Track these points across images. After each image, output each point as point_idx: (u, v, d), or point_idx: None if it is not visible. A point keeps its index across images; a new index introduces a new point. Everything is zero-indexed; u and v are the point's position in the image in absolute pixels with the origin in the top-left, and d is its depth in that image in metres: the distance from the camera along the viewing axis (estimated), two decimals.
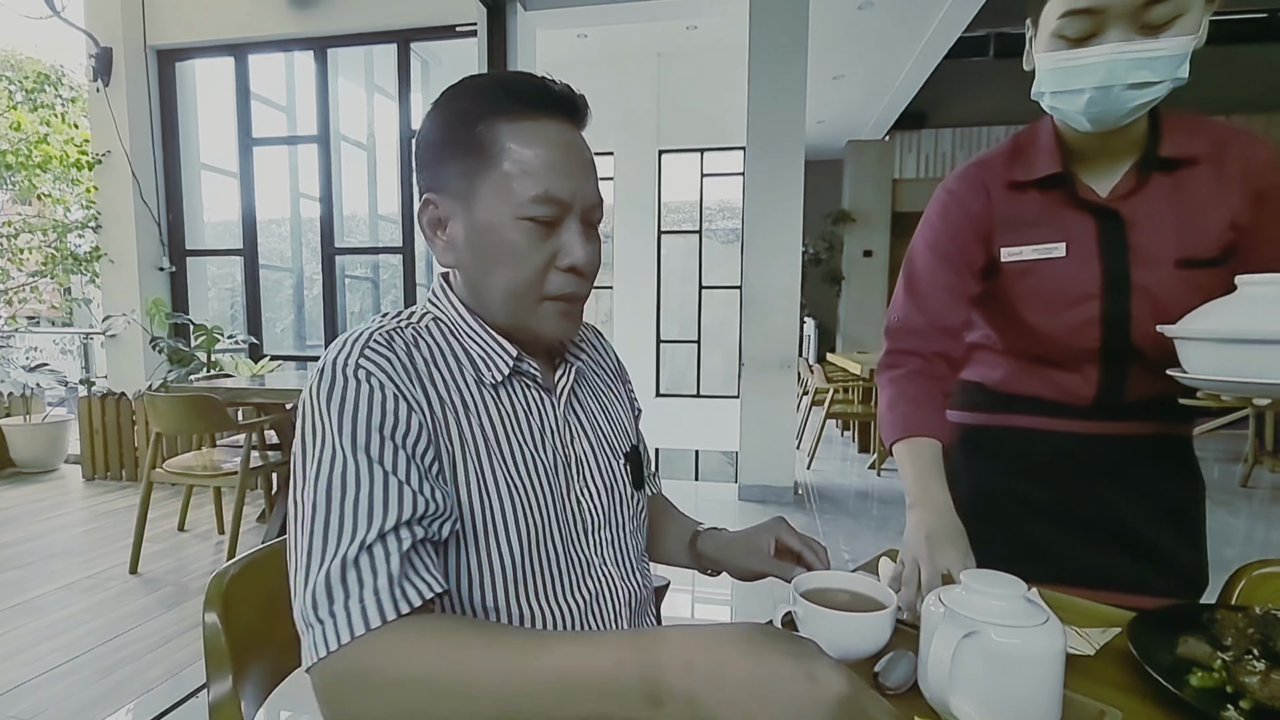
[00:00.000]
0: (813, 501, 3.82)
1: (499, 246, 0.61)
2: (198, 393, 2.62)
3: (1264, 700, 0.52)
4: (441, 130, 0.62)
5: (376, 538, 0.51)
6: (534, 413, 0.66)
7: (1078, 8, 0.72)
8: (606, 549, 0.69)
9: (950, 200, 0.91)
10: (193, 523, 3.25)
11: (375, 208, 5.87)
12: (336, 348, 0.58)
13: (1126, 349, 0.86)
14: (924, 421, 0.86)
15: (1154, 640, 0.63)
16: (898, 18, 4.80)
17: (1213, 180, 0.81)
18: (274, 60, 5.11)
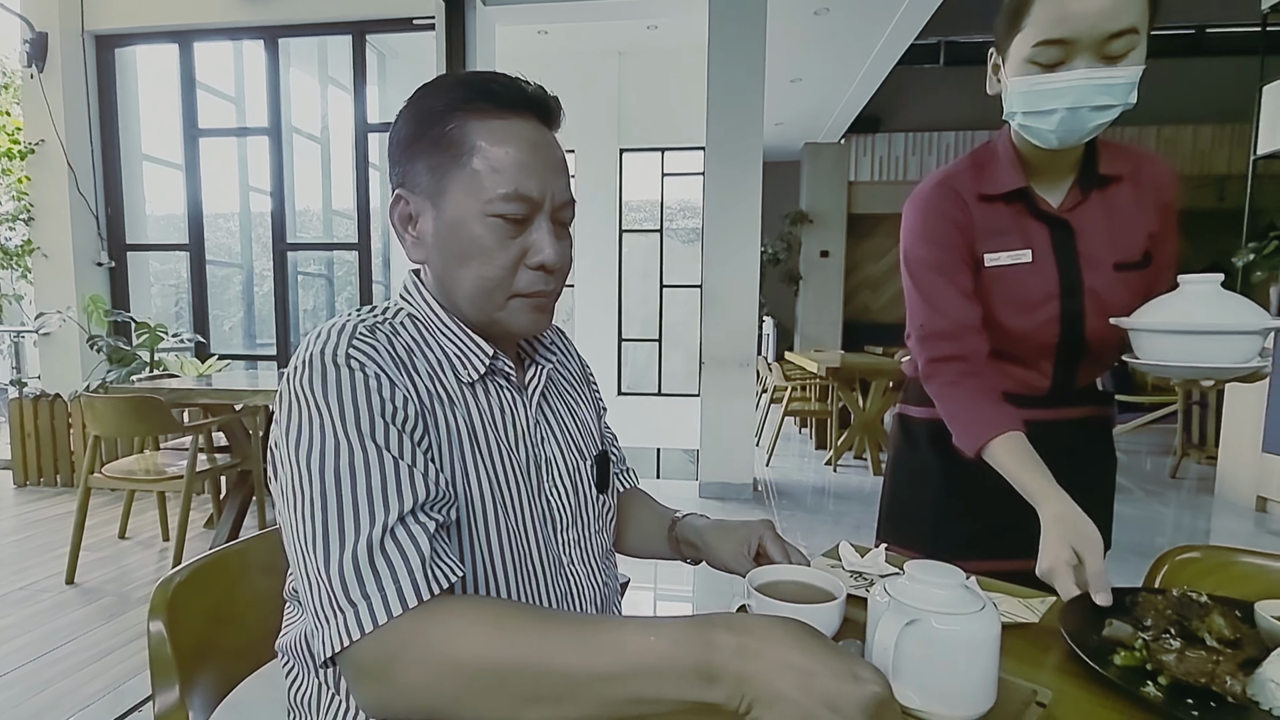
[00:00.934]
0: (771, 498, 3.88)
1: (468, 242, 0.61)
2: (140, 393, 2.51)
3: (1180, 676, 0.56)
4: (413, 127, 0.63)
5: (398, 520, 0.51)
6: (507, 412, 0.67)
7: (1053, 37, 0.80)
8: (574, 548, 0.70)
9: (934, 208, 0.96)
10: (135, 530, 3.12)
11: (330, 202, 5.72)
12: (320, 340, 0.57)
13: (1080, 343, 0.96)
14: (998, 419, 0.89)
15: (1083, 622, 0.67)
16: (852, 24, 4.91)
17: (1133, 196, 0.94)
18: (221, 49, 4.92)
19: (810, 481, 4.30)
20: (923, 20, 4.79)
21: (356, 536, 0.49)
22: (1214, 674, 0.55)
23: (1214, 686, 0.55)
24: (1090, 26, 0.78)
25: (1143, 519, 3.55)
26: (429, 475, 0.55)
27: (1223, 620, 0.61)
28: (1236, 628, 0.61)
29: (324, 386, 0.54)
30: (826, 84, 6.28)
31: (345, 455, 0.52)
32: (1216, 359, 0.78)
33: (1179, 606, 0.64)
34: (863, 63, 5.69)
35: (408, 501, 0.52)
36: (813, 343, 8.37)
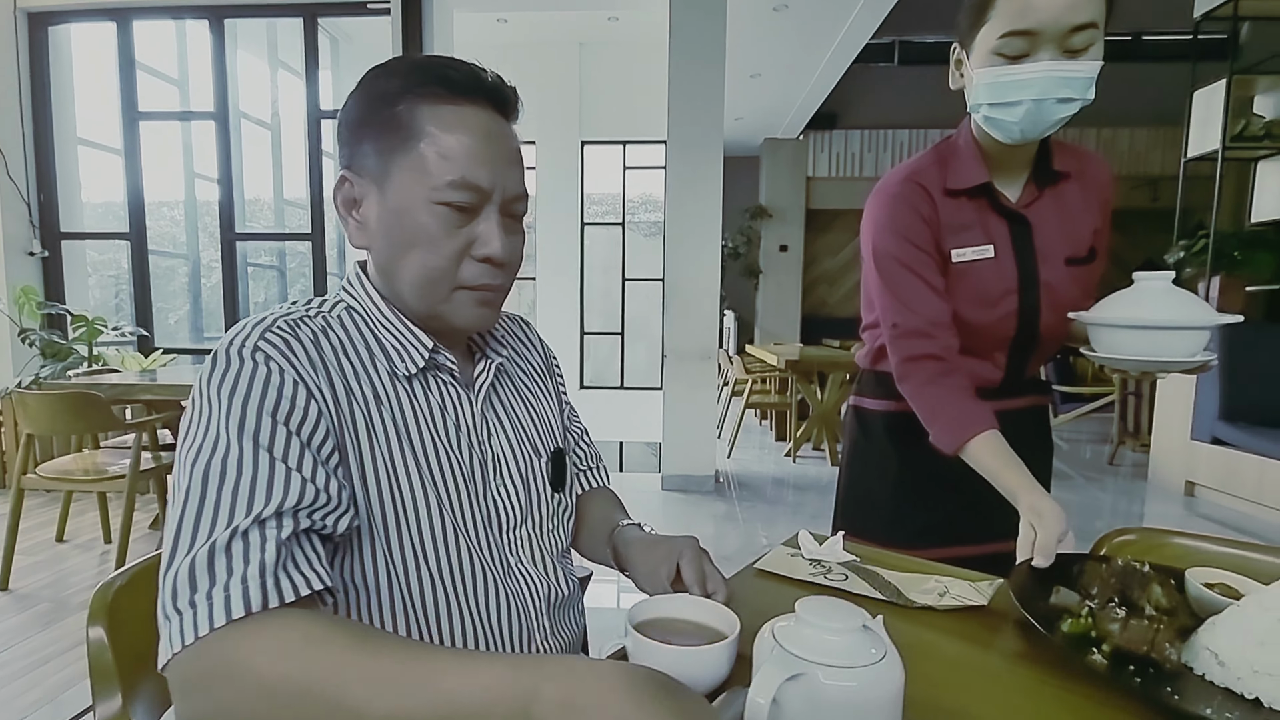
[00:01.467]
0: (733, 489, 3.94)
1: (412, 230, 0.59)
2: (77, 389, 2.39)
3: (1123, 645, 0.58)
4: (361, 107, 0.61)
5: (252, 523, 0.47)
6: (449, 408, 0.65)
7: (1018, 29, 0.82)
8: (524, 547, 0.68)
9: (900, 203, 0.96)
10: (73, 532, 2.98)
11: (281, 191, 5.53)
12: (234, 331, 0.56)
13: (1034, 335, 0.99)
14: (975, 418, 0.89)
15: (1033, 590, 0.69)
16: (810, 21, 4.98)
17: (1080, 193, 0.98)
18: (163, 28, 4.70)
19: (770, 472, 4.37)
20: (878, 19, 4.88)
21: (205, 539, 0.46)
22: (1154, 642, 0.57)
23: (1154, 655, 0.57)
24: (1054, 19, 0.80)
25: (1082, 504, 3.72)
26: (315, 478, 0.51)
27: (1160, 589, 0.65)
28: (1172, 596, 0.64)
29: (220, 380, 0.53)
30: (785, 80, 6.35)
31: (220, 452, 0.49)
32: (1170, 353, 0.82)
33: (1122, 576, 0.67)
34: (820, 60, 5.78)
35: (273, 503, 0.48)
36: (772, 336, 8.49)
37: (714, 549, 0.80)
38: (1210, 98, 4.00)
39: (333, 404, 0.56)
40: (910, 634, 0.67)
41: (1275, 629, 0.54)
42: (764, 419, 6.05)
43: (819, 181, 8.71)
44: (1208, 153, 4.03)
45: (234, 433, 0.50)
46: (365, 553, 0.58)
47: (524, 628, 0.66)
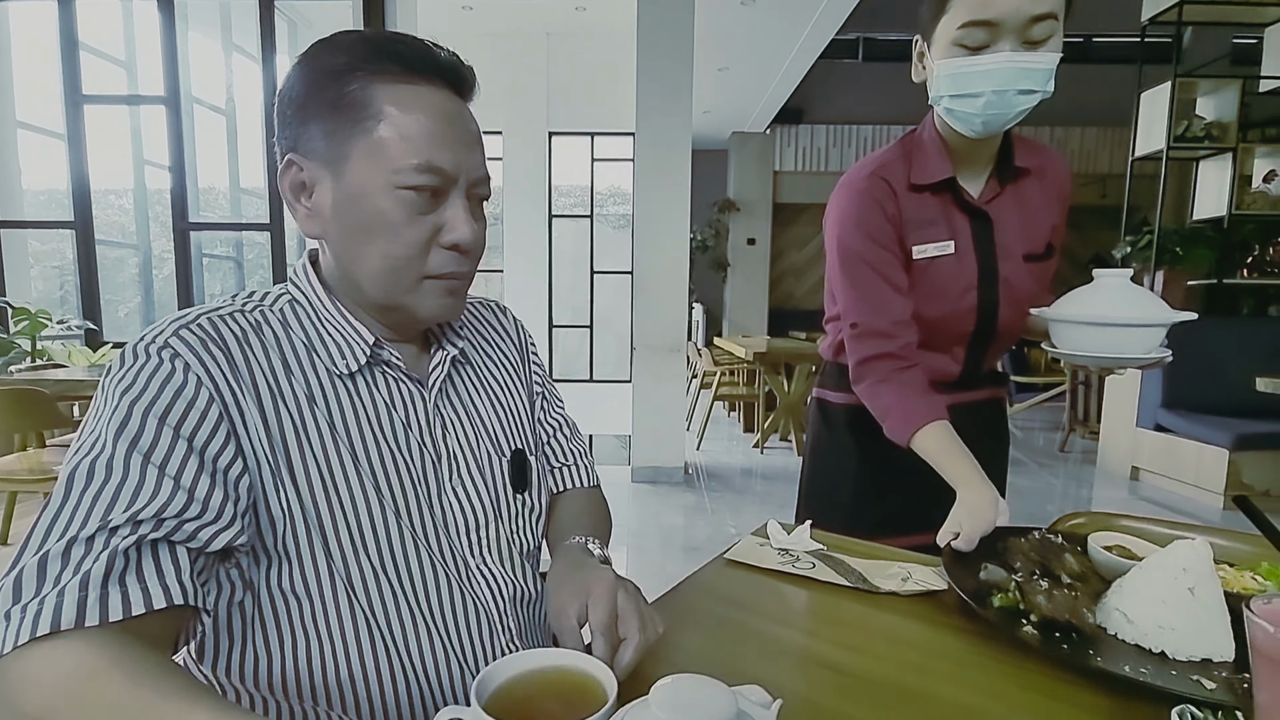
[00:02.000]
0: (702, 480, 3.98)
1: (373, 217, 0.56)
2: (20, 385, 2.29)
3: (1049, 615, 0.61)
4: (307, 85, 0.56)
5: (98, 529, 0.43)
6: (397, 405, 0.62)
7: (979, 19, 0.82)
8: (489, 549, 0.65)
9: (865, 199, 0.96)
10: (19, 534, 2.85)
11: (237, 180, 5.36)
12: (152, 326, 0.54)
13: (992, 330, 1.00)
14: (926, 410, 0.91)
15: (963, 569, 0.72)
16: (777, 15, 5.01)
17: (1039, 189, 0.99)
18: (109, 7, 4.50)
19: (739, 464, 4.43)
20: (843, 15, 4.95)
21: (43, 545, 0.43)
22: (1074, 609, 0.61)
23: (1074, 621, 0.61)
24: (1015, 9, 0.80)
25: (1035, 489, 3.87)
26: (195, 489, 0.48)
27: (1072, 558, 0.69)
28: (1083, 563, 0.69)
29: (120, 378, 0.51)
30: (752, 74, 6.39)
31: (94, 453, 0.47)
32: (1129, 349, 0.84)
33: (1040, 549, 0.71)
34: (787, 54, 5.83)
35: (130, 510, 0.45)
36: (740, 328, 8.57)
37: (683, 539, 0.81)
38: (1155, 99, 4.16)
39: (249, 409, 0.53)
40: (877, 619, 0.69)
41: (1173, 587, 0.59)
42: (732, 410, 6.11)
43: (786, 175, 8.80)
44: (1153, 152, 4.20)
45: (112, 433, 0.48)
46: (308, 561, 0.55)
47: (488, 629, 0.63)
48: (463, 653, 0.62)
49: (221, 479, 0.50)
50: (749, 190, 8.66)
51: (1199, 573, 0.59)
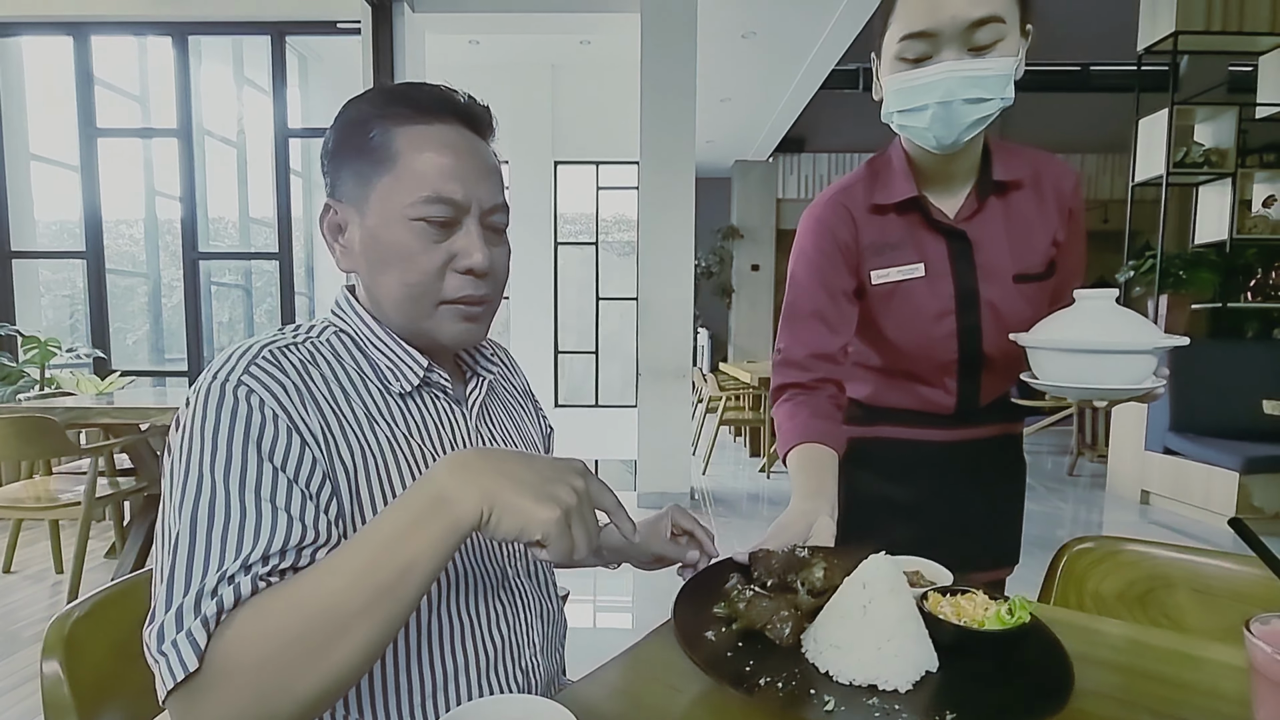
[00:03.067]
0: (708, 505, 3.94)
1: (388, 247, 0.61)
2: (28, 413, 2.30)
3: (747, 624, 0.58)
4: (338, 136, 0.63)
5: (239, 569, 0.48)
6: (444, 424, 0.65)
7: (914, 30, 0.79)
8: (520, 560, 0.69)
9: (819, 227, 0.94)
10: (23, 563, 2.84)
11: (247, 210, 5.44)
12: (219, 362, 0.55)
13: (979, 358, 0.94)
14: (803, 432, 0.89)
15: (710, 580, 0.68)
16: (778, 48, 5.12)
17: (1035, 202, 0.92)
18: (123, 44, 4.63)
19: (745, 489, 4.40)
20: (843, 48, 5.04)
21: (192, 586, 0.47)
22: (770, 621, 0.57)
23: (767, 632, 0.57)
24: (950, 16, 0.77)
25: (1044, 514, 3.82)
26: (304, 515, 0.52)
27: (822, 573, 0.62)
28: (832, 580, 0.61)
29: (205, 415, 0.52)
30: (754, 104, 6.50)
31: (205, 495, 0.50)
32: (1112, 379, 0.75)
33: (787, 561, 0.67)
34: (788, 85, 5.93)
35: (260, 546, 0.49)
36: (746, 353, 8.58)
37: None
38: (1154, 126, 4.21)
39: (322, 437, 0.56)
40: None
41: (850, 605, 0.55)
42: (738, 435, 6.09)
43: (788, 203, 8.89)
44: (1153, 178, 4.23)
45: (219, 475, 0.50)
46: None
47: (517, 640, 0.66)
48: (496, 660, 0.64)
49: (315, 501, 0.54)
50: (752, 217, 8.74)
51: (875, 590, 0.55)
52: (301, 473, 0.53)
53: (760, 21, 4.65)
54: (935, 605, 0.58)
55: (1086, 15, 5.52)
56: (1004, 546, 1.05)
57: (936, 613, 0.57)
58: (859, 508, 1.02)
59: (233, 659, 0.45)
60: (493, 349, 0.79)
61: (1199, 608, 0.88)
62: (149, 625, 0.48)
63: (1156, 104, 4.17)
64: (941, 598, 0.59)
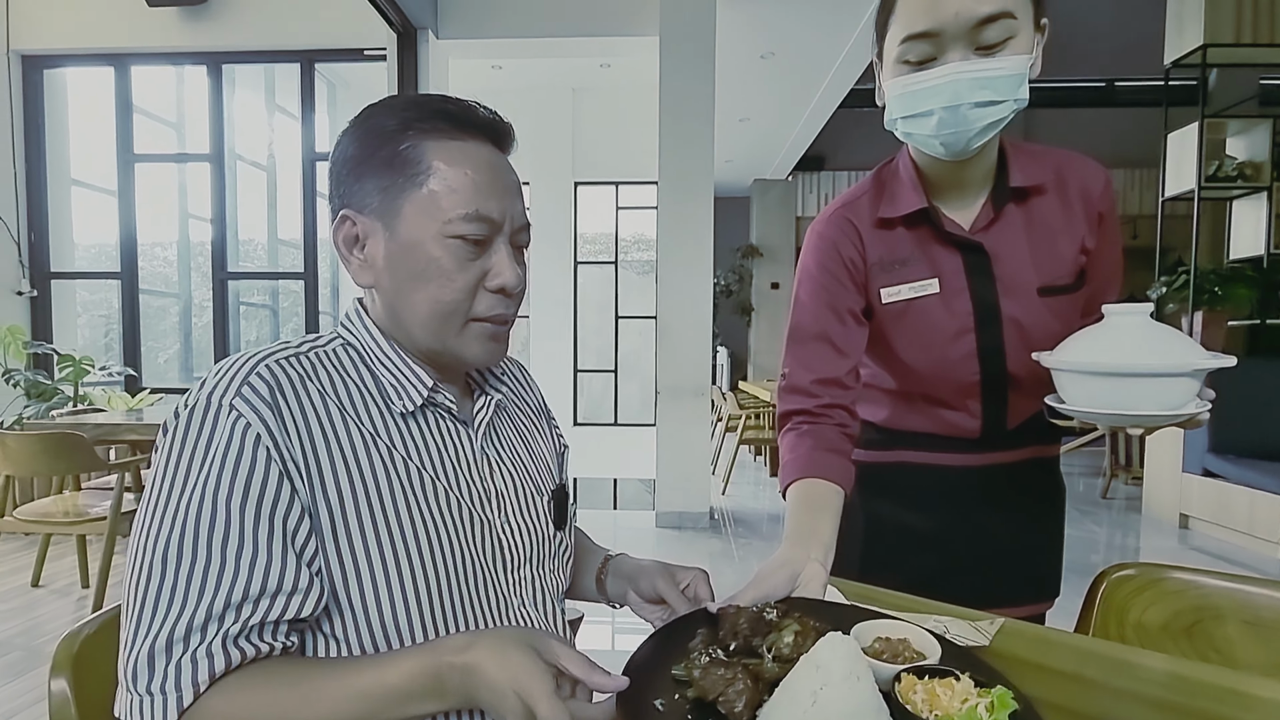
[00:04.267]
0: (728, 526, 3.88)
1: (424, 264, 0.59)
2: (60, 429, 2.35)
3: (699, 694, 0.52)
4: (361, 146, 0.60)
5: (205, 619, 0.50)
6: (448, 446, 0.63)
7: (916, 31, 0.73)
8: (526, 588, 0.66)
9: (822, 244, 0.89)
10: (50, 577, 2.89)
11: (275, 231, 5.57)
12: (215, 375, 0.55)
13: (1004, 378, 0.87)
14: (805, 466, 0.83)
15: (676, 634, 0.62)
16: (797, 68, 5.14)
17: (1060, 207, 0.84)
18: (161, 73, 4.80)
19: (766, 509, 4.32)
20: (861, 67, 5.04)
21: (161, 625, 0.50)
22: (723, 693, 0.51)
23: (719, 706, 0.50)
24: (955, 15, 0.71)
25: (1078, 538, 3.69)
26: (278, 561, 0.52)
27: (790, 639, 0.56)
28: (802, 647, 0.55)
29: (196, 437, 0.53)
30: (773, 124, 6.52)
31: (179, 528, 0.51)
32: (1143, 406, 0.67)
33: (751, 622, 0.60)
34: (807, 104, 5.94)
35: (235, 591, 0.51)
36: (766, 372, 8.51)
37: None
38: (1183, 140, 4.12)
39: (304, 465, 0.55)
40: None
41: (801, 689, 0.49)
42: (758, 455, 6.01)
43: (808, 220, 8.82)
44: (1184, 192, 4.14)
45: (192, 517, 0.51)
46: (354, 591, 0.56)
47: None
48: None
49: (292, 542, 0.54)
50: (772, 236, 8.72)
51: (829, 675, 0.48)
52: (283, 516, 0.53)
53: (778, 42, 4.68)
54: (907, 691, 0.51)
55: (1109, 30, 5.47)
56: (1042, 578, 0.98)
57: (906, 701, 0.50)
58: (878, 539, 0.97)
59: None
60: (504, 367, 0.78)
61: (1251, 641, 0.83)
62: (124, 653, 0.50)
63: (1185, 118, 4.09)
64: (917, 681, 0.51)
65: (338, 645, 0.57)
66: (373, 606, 0.56)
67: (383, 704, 0.50)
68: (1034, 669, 0.66)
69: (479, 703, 0.51)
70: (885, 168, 0.90)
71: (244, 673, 0.51)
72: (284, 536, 0.53)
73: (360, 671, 0.51)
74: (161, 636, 0.49)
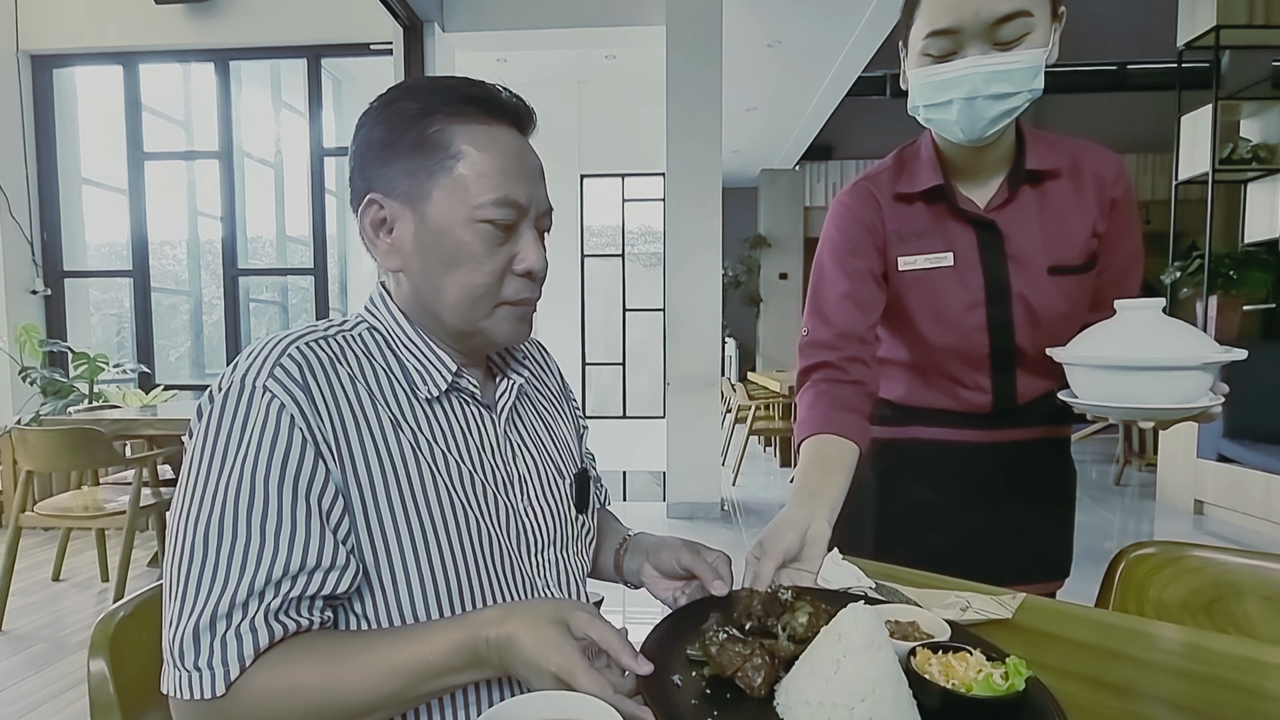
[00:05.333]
0: (738, 516, 3.89)
1: (454, 248, 0.59)
2: (78, 425, 2.38)
3: (717, 670, 0.52)
4: (387, 129, 0.60)
5: (247, 596, 0.51)
6: (472, 429, 0.64)
7: (938, 28, 0.78)
8: (550, 570, 0.67)
9: (845, 211, 0.93)
10: (70, 571, 2.93)
11: (283, 228, 5.60)
12: (247, 358, 0.55)
13: (1013, 352, 0.91)
14: (822, 421, 0.85)
15: (687, 620, 0.62)
16: (804, 56, 5.10)
17: (1073, 192, 0.88)
18: (169, 71, 4.82)
19: (776, 499, 4.33)
20: (868, 55, 5.00)
21: (205, 602, 0.51)
22: (741, 669, 0.52)
23: (738, 680, 0.52)
24: (974, 13, 0.76)
25: (1091, 525, 3.68)
26: (313, 538, 0.53)
27: (804, 619, 0.57)
28: (816, 627, 0.56)
29: (232, 420, 0.53)
30: (780, 113, 6.48)
31: (219, 509, 0.52)
32: (1155, 399, 0.68)
33: (765, 604, 0.61)
34: (814, 93, 5.90)
35: (275, 568, 0.52)
36: (775, 363, 8.49)
37: None
38: (1197, 122, 4.07)
39: (337, 444, 0.55)
40: None
41: (824, 658, 0.50)
42: (768, 445, 6.02)
43: (816, 210, 8.82)
44: (1198, 175, 4.09)
45: (232, 496, 0.52)
46: (385, 573, 0.57)
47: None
48: None
49: (327, 520, 0.54)
50: (780, 226, 8.69)
51: (851, 644, 0.49)
52: (317, 494, 0.54)
53: (785, 31, 4.65)
54: (923, 663, 0.53)
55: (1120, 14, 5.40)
56: (1052, 557, 1.00)
57: (923, 672, 0.51)
58: (892, 514, 0.99)
59: (257, 707, 0.51)
60: (524, 348, 0.78)
61: (1272, 616, 0.83)
62: (169, 631, 0.52)
63: (1198, 101, 4.04)
64: (932, 655, 0.53)
65: (367, 624, 0.58)
66: (403, 587, 0.57)
67: (421, 678, 0.52)
68: (1056, 640, 0.67)
69: (515, 673, 0.52)
70: (908, 148, 0.95)
71: (285, 647, 0.52)
72: (320, 514, 0.54)
73: (399, 646, 0.52)
74: (206, 613, 0.50)
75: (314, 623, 0.54)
